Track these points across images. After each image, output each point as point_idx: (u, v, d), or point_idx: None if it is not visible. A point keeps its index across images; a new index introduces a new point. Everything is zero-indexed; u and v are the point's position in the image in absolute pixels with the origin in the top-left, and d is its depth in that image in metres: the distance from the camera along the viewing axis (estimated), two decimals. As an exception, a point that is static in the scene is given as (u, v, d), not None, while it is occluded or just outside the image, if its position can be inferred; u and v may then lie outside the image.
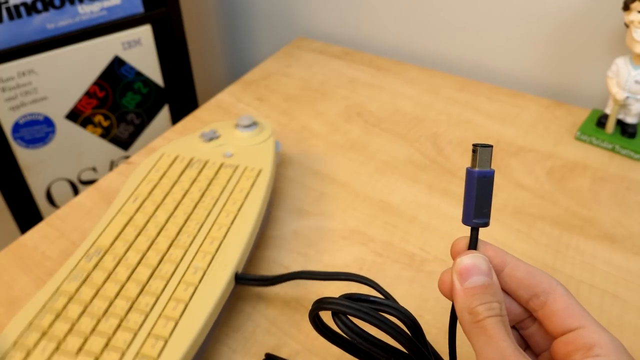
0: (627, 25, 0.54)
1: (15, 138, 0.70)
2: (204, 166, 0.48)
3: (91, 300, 0.36)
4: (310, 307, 0.29)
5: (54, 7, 0.67)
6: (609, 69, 0.57)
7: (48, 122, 0.71)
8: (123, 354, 0.32)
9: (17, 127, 0.69)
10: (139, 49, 0.74)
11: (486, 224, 0.27)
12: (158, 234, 0.41)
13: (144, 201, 0.44)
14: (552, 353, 0.27)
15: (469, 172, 0.28)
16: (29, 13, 0.65)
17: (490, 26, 0.70)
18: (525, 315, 0.29)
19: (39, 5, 0.66)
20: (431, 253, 0.46)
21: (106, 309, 0.35)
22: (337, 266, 0.45)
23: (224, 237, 0.40)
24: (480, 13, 0.70)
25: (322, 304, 0.29)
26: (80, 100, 0.73)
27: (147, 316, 0.35)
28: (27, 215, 0.75)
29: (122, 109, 0.77)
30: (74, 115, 0.73)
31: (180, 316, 0.35)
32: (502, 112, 0.64)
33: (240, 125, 0.51)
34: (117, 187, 0.54)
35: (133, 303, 0.35)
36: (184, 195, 0.44)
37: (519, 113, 0.64)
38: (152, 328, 0.34)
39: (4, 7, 0.63)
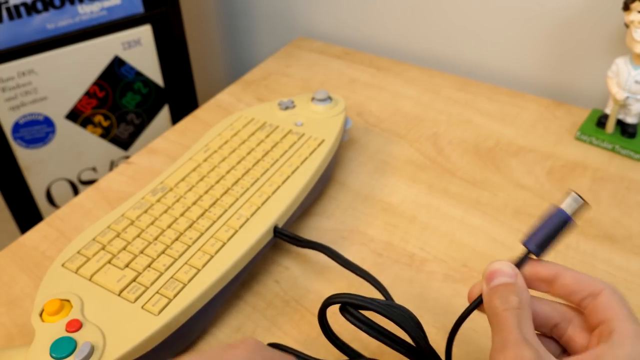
0: (627, 25, 0.54)
1: (15, 138, 0.70)
2: (273, 131, 0.52)
3: (147, 227, 0.41)
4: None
5: (54, 7, 0.67)
6: (609, 69, 0.57)
7: (48, 122, 0.71)
8: (160, 275, 0.38)
9: (17, 127, 0.69)
10: (139, 49, 0.74)
11: (537, 254, 0.30)
12: (217, 182, 0.46)
13: (212, 153, 0.49)
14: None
15: (559, 211, 0.30)
16: (29, 13, 0.65)
17: (490, 26, 0.70)
18: (561, 317, 0.30)
19: (39, 5, 0.66)
20: (431, 253, 0.46)
21: (157, 236, 0.41)
22: (337, 266, 0.45)
23: (273, 193, 0.45)
24: (480, 13, 0.70)
25: (338, 297, 0.32)
26: (80, 100, 0.73)
27: (188, 247, 0.40)
28: (27, 215, 0.75)
29: (122, 109, 0.77)
30: (74, 115, 0.73)
31: (216, 252, 0.39)
32: (502, 112, 0.64)
33: (316, 99, 0.54)
34: (117, 187, 0.54)
35: (180, 235, 0.41)
36: (248, 153, 0.49)
37: (519, 113, 0.64)
38: (190, 258, 0.39)
39: (4, 7, 0.63)
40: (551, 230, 0.30)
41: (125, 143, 0.80)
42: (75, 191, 0.78)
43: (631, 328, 0.25)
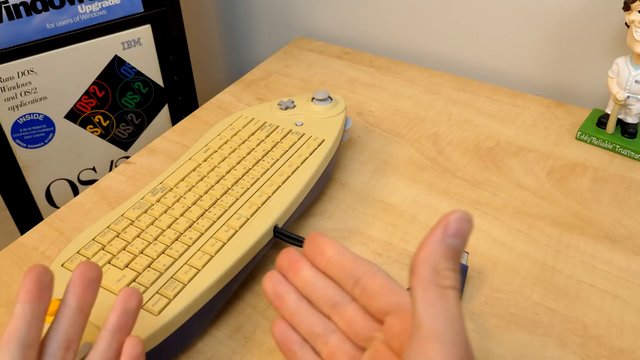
0: (627, 25, 0.54)
1: (14, 138, 0.70)
2: (273, 130, 0.52)
3: (147, 227, 0.42)
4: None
5: (54, 6, 0.67)
6: (610, 69, 0.57)
7: (48, 122, 0.71)
8: (160, 275, 0.38)
9: (16, 127, 0.69)
10: (139, 48, 0.74)
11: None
12: (217, 182, 0.46)
13: (212, 153, 0.49)
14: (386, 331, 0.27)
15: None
16: (28, 13, 0.65)
17: (490, 26, 0.70)
18: (372, 330, 0.28)
19: (39, 5, 0.66)
20: (431, 253, 0.46)
21: (157, 236, 0.41)
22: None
23: (273, 193, 0.45)
24: (480, 13, 0.70)
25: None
26: (79, 100, 0.73)
27: (188, 247, 0.40)
28: (26, 216, 0.75)
29: (121, 108, 0.77)
30: (73, 115, 0.73)
31: (216, 252, 0.40)
32: (502, 112, 0.64)
33: (316, 99, 0.55)
34: (116, 187, 0.54)
35: (180, 235, 0.41)
36: (248, 153, 0.49)
37: (519, 113, 0.64)
38: (190, 258, 0.39)
39: (3, 7, 0.63)
40: None
41: (125, 143, 0.80)
42: (75, 191, 0.78)
43: (428, 312, 0.24)
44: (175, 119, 0.83)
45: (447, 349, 0.22)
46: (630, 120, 0.57)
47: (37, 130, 0.71)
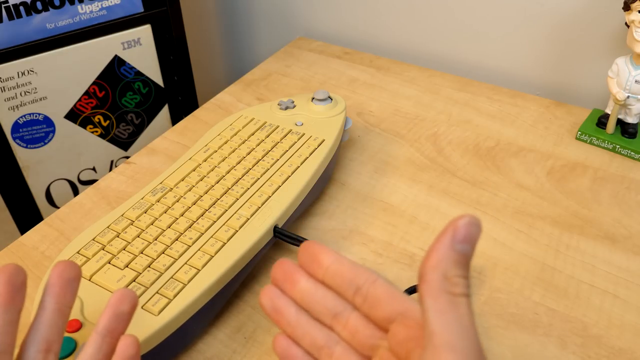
0: (627, 25, 0.54)
1: (14, 138, 0.70)
2: (273, 130, 0.52)
3: (147, 227, 0.42)
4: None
5: (54, 6, 0.67)
6: (610, 69, 0.57)
7: (48, 122, 0.71)
8: (160, 275, 0.38)
9: (16, 127, 0.69)
10: (139, 48, 0.74)
11: None
12: (217, 182, 0.46)
13: (212, 153, 0.49)
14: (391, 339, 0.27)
15: None
16: (28, 13, 0.65)
17: (490, 26, 0.70)
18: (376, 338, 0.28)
19: (39, 5, 0.66)
20: (431, 253, 0.46)
21: (157, 236, 0.41)
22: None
23: (273, 193, 0.45)
24: (480, 13, 0.70)
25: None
26: (79, 100, 0.73)
27: (188, 247, 0.40)
28: (26, 216, 0.75)
29: (121, 108, 0.77)
30: (73, 115, 0.73)
31: (216, 252, 0.40)
32: (502, 112, 0.64)
33: (316, 99, 0.55)
34: (116, 187, 0.54)
35: (180, 235, 0.41)
36: (248, 153, 0.49)
37: (519, 113, 0.64)
38: (190, 258, 0.39)
39: (3, 7, 0.63)
40: None
41: (125, 143, 0.80)
42: (75, 191, 0.78)
43: (440, 321, 0.24)
44: (175, 119, 0.83)
45: (461, 358, 0.22)
46: (630, 120, 0.57)
47: (37, 130, 0.71)
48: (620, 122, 0.58)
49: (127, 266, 0.39)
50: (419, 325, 0.26)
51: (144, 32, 0.74)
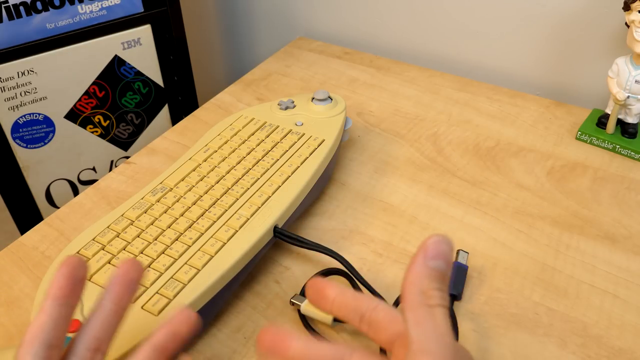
0: (627, 25, 0.54)
1: (14, 138, 0.70)
2: (273, 130, 0.52)
3: (147, 227, 0.42)
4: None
5: (54, 6, 0.67)
6: (610, 69, 0.57)
7: (48, 122, 0.71)
8: (160, 275, 0.38)
9: (16, 127, 0.69)
10: (139, 48, 0.74)
11: (459, 296, 0.42)
12: (217, 182, 0.46)
13: (212, 153, 0.49)
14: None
15: (457, 263, 0.44)
16: (28, 13, 0.65)
17: (490, 26, 0.70)
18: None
19: (39, 5, 0.66)
20: (431, 253, 0.46)
21: (157, 236, 0.41)
22: (337, 266, 0.45)
23: (273, 193, 0.45)
24: (480, 13, 0.70)
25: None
26: (79, 100, 0.73)
27: (188, 247, 0.40)
28: (26, 216, 0.75)
29: (121, 108, 0.77)
30: (73, 115, 0.73)
31: (216, 252, 0.40)
32: (502, 112, 0.64)
33: (316, 99, 0.55)
34: (116, 187, 0.54)
35: (180, 235, 0.41)
36: (248, 153, 0.49)
37: (519, 113, 0.64)
38: (190, 258, 0.39)
39: (3, 7, 0.63)
40: (458, 277, 0.42)
41: (125, 143, 0.80)
42: (75, 191, 0.78)
43: (418, 331, 0.25)
44: (175, 119, 0.83)
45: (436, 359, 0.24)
46: (630, 120, 0.57)
47: (37, 130, 0.71)
48: (620, 122, 0.58)
49: None
50: None
51: (144, 32, 0.74)
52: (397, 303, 0.41)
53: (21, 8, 0.65)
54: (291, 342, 0.28)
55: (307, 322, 0.40)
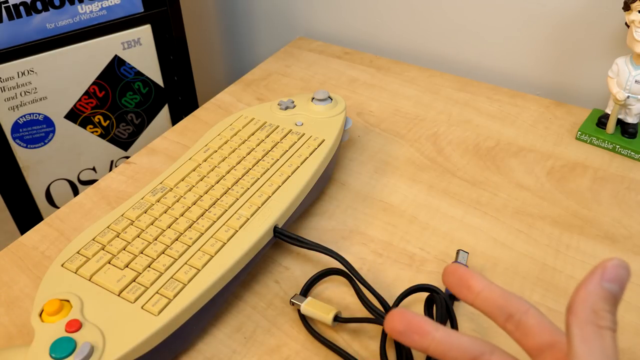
0: (627, 25, 0.54)
1: (14, 138, 0.70)
2: (273, 130, 0.52)
3: (147, 227, 0.42)
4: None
5: (54, 6, 0.67)
6: (610, 69, 0.57)
7: (48, 122, 0.71)
8: (160, 275, 0.38)
9: (16, 127, 0.69)
10: (139, 48, 0.74)
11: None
12: (217, 182, 0.46)
13: (212, 153, 0.49)
14: None
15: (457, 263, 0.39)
16: (28, 13, 0.65)
17: (490, 26, 0.70)
18: (480, 350, 0.28)
19: (39, 5, 0.66)
20: (431, 253, 0.46)
21: (157, 236, 0.41)
22: (337, 266, 0.45)
23: (273, 193, 0.45)
24: (480, 13, 0.70)
25: None
26: (79, 100, 0.73)
27: (188, 247, 0.40)
28: (26, 216, 0.75)
29: (121, 108, 0.77)
30: (73, 115, 0.73)
31: (216, 252, 0.40)
32: (502, 112, 0.64)
33: (316, 99, 0.55)
34: (116, 187, 0.54)
35: (180, 235, 0.41)
36: (248, 153, 0.49)
37: (519, 113, 0.64)
38: (190, 258, 0.39)
39: (3, 7, 0.63)
40: None
41: (125, 143, 0.80)
42: (75, 191, 0.78)
43: (584, 349, 0.25)
44: (175, 119, 0.83)
45: None
46: (630, 120, 0.57)
47: (37, 130, 0.71)
48: (620, 122, 0.58)
49: (127, 266, 0.39)
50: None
51: (144, 32, 0.74)
52: (397, 303, 0.41)
53: (21, 8, 0.65)
54: (430, 328, 0.27)
55: (307, 322, 0.40)
